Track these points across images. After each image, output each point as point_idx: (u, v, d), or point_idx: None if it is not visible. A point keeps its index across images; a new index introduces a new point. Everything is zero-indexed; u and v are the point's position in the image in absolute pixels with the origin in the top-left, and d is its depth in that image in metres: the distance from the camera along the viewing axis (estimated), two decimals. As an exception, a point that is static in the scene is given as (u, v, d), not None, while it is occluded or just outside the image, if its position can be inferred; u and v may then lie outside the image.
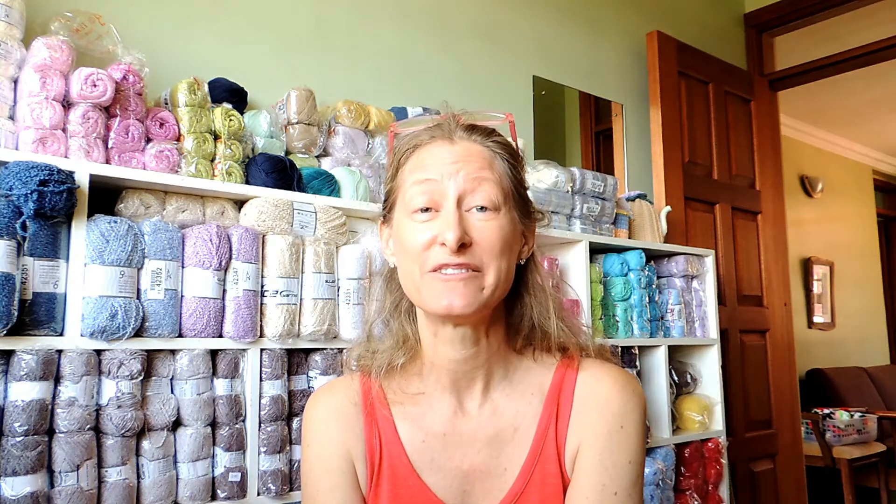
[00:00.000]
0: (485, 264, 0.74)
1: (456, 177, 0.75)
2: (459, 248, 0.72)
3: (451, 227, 0.72)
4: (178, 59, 1.70)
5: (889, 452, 4.13)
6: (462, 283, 0.73)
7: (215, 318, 1.34)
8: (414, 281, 0.76)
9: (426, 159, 0.77)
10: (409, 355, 0.85)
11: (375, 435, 0.82)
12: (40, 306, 1.15)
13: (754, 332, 3.06)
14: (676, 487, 2.15)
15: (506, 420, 0.81)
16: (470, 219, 0.74)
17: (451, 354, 0.80)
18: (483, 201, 0.75)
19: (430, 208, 0.75)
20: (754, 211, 3.17)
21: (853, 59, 3.32)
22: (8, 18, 1.28)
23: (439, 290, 0.73)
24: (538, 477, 0.79)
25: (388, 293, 0.88)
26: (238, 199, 1.47)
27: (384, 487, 0.81)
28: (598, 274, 2.08)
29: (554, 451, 0.79)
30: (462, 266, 0.73)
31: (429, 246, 0.74)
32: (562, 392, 0.81)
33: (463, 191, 0.75)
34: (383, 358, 0.85)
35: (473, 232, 0.74)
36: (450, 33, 2.31)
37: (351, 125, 1.74)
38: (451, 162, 0.76)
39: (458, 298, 0.72)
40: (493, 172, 0.77)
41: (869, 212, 6.00)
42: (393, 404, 0.84)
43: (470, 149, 0.77)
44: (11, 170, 1.13)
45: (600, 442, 0.78)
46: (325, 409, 0.85)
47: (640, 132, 2.86)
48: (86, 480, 1.14)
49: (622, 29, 2.90)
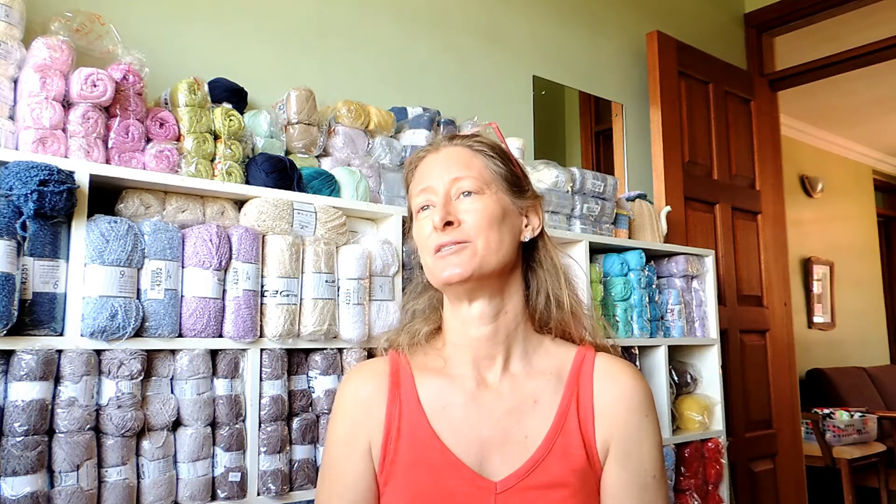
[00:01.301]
0: (472, 237, 0.87)
1: (443, 176, 0.90)
2: (446, 226, 0.87)
3: (437, 211, 0.88)
4: (178, 59, 1.70)
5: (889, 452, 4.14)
6: (455, 255, 0.86)
7: (215, 318, 1.34)
8: (427, 266, 0.90)
9: (422, 172, 0.94)
10: (433, 326, 0.97)
11: (397, 403, 0.91)
12: (40, 306, 1.15)
13: (754, 332, 3.06)
14: (676, 487, 2.16)
15: (525, 394, 0.90)
16: (458, 204, 0.89)
17: (472, 333, 0.90)
18: (466, 188, 0.89)
19: (427, 206, 0.91)
20: (754, 211, 3.17)
21: (853, 59, 3.32)
22: (8, 18, 1.28)
23: (440, 265, 0.87)
24: (560, 447, 0.86)
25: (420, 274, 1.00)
26: (238, 199, 1.47)
27: (403, 450, 0.88)
28: (598, 274, 2.08)
29: (576, 426, 0.87)
30: (452, 243, 0.86)
31: (430, 233, 0.89)
32: (581, 375, 0.90)
33: (448, 183, 0.90)
34: (410, 327, 0.98)
35: (460, 213, 0.88)
36: (450, 33, 2.31)
37: (351, 125, 1.74)
38: (440, 165, 0.92)
39: (452, 267, 0.86)
40: (472, 167, 0.91)
41: (869, 212, 6.00)
42: (417, 375, 0.93)
43: (451, 152, 0.93)
44: (11, 170, 1.12)
45: (636, 431, 0.87)
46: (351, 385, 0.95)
47: (640, 132, 2.86)
48: (86, 480, 1.14)
49: (622, 29, 2.90)
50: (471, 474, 0.84)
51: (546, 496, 0.83)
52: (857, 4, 3.27)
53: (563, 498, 0.83)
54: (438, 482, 0.85)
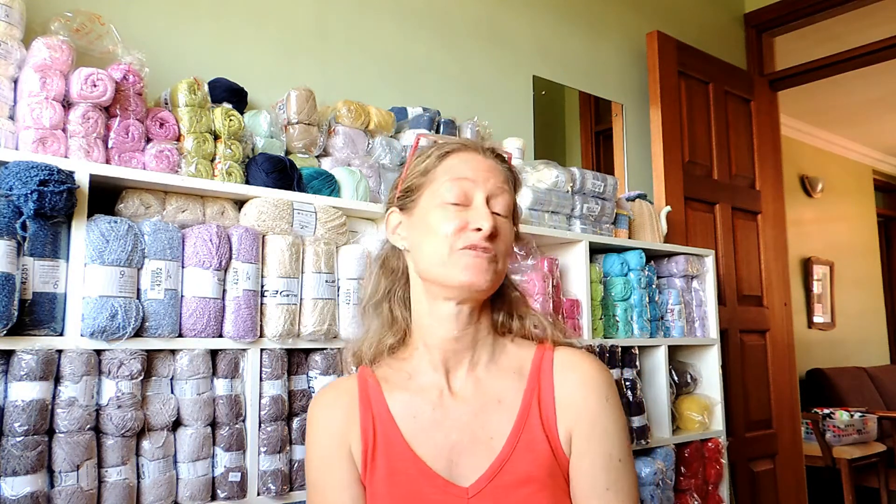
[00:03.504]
0: (500, 254, 0.89)
1: (486, 182, 0.90)
2: (489, 236, 0.87)
3: (487, 218, 0.87)
4: (178, 59, 1.70)
5: (889, 452, 4.14)
6: (487, 262, 0.87)
7: (215, 318, 1.34)
8: (441, 258, 0.88)
9: (462, 163, 0.92)
10: (398, 337, 0.97)
11: (370, 417, 0.91)
12: (40, 306, 1.15)
13: (754, 332, 3.06)
14: (676, 487, 2.15)
15: (490, 394, 0.91)
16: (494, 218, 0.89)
17: (443, 333, 0.91)
18: (502, 208, 0.91)
19: (459, 203, 0.89)
20: (754, 211, 3.17)
21: (853, 59, 3.32)
22: (8, 18, 1.28)
23: (469, 264, 0.86)
24: (524, 444, 0.87)
25: (382, 278, 1.00)
26: (238, 199, 1.47)
27: (380, 462, 0.89)
28: (598, 274, 2.08)
29: (538, 420, 0.88)
30: (488, 251, 0.87)
31: (460, 230, 0.87)
32: (541, 369, 0.92)
33: (490, 193, 0.90)
34: (373, 337, 0.97)
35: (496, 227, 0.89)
36: (450, 33, 2.31)
37: (351, 125, 1.74)
38: (484, 170, 0.92)
39: (482, 273, 0.86)
40: (507, 190, 0.93)
41: (869, 212, 6.00)
42: (385, 388, 0.93)
43: (494, 166, 0.94)
44: (11, 170, 1.13)
45: (597, 416, 0.88)
46: (322, 403, 0.96)
47: (640, 132, 2.86)
48: (86, 480, 1.14)
49: (622, 29, 2.90)
50: (442, 482, 0.86)
51: (516, 494, 0.84)
52: (857, 4, 3.27)
53: (532, 493, 0.84)
54: (414, 493, 0.86)
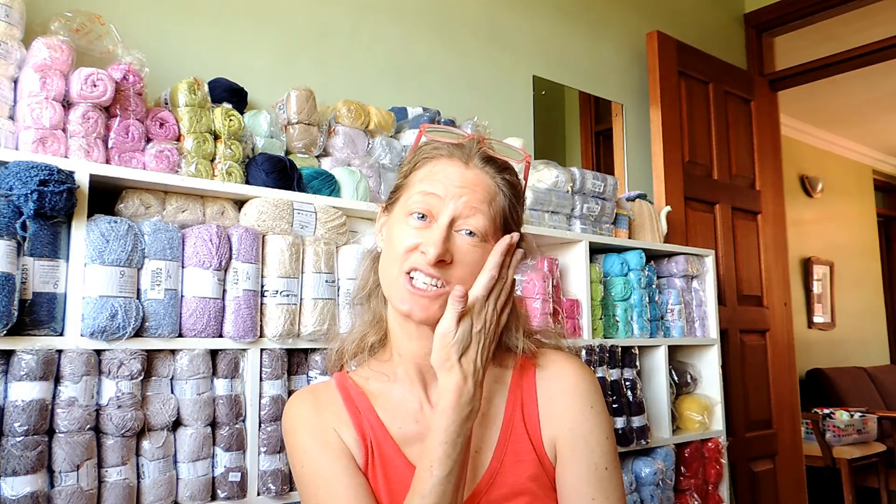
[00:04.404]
0: (456, 281, 0.79)
1: (457, 200, 0.81)
2: (437, 263, 0.78)
3: (434, 243, 0.78)
4: (178, 59, 1.70)
5: (889, 452, 4.14)
6: (427, 300, 0.79)
7: (215, 318, 1.34)
8: (391, 276, 0.83)
9: (438, 173, 0.84)
10: (379, 335, 0.92)
11: (361, 422, 0.86)
12: (40, 306, 1.15)
13: (754, 332, 3.06)
14: (676, 487, 2.15)
15: None
16: (457, 239, 0.81)
17: (414, 349, 0.86)
18: (473, 227, 0.81)
19: (425, 216, 0.82)
20: (754, 211, 3.17)
21: (853, 59, 3.32)
22: (8, 18, 1.27)
23: (406, 295, 0.80)
24: (512, 455, 0.84)
25: (370, 274, 0.95)
26: (238, 199, 1.47)
27: (378, 468, 0.84)
28: (598, 274, 2.08)
29: (523, 431, 0.85)
30: (433, 277, 0.79)
31: (412, 250, 0.81)
32: (524, 379, 0.88)
33: (458, 214, 0.81)
34: (356, 334, 0.93)
35: (456, 252, 0.80)
36: (450, 33, 2.31)
37: (351, 125, 1.74)
38: (459, 185, 0.82)
39: (419, 310, 0.79)
40: (491, 207, 0.83)
41: (869, 212, 6.00)
42: (370, 397, 0.89)
43: (479, 178, 0.84)
44: (11, 170, 1.12)
45: (580, 425, 0.84)
46: (305, 400, 0.90)
47: (640, 132, 2.86)
48: (86, 480, 1.14)
49: (622, 29, 2.90)
50: None
51: None
52: (857, 4, 3.27)
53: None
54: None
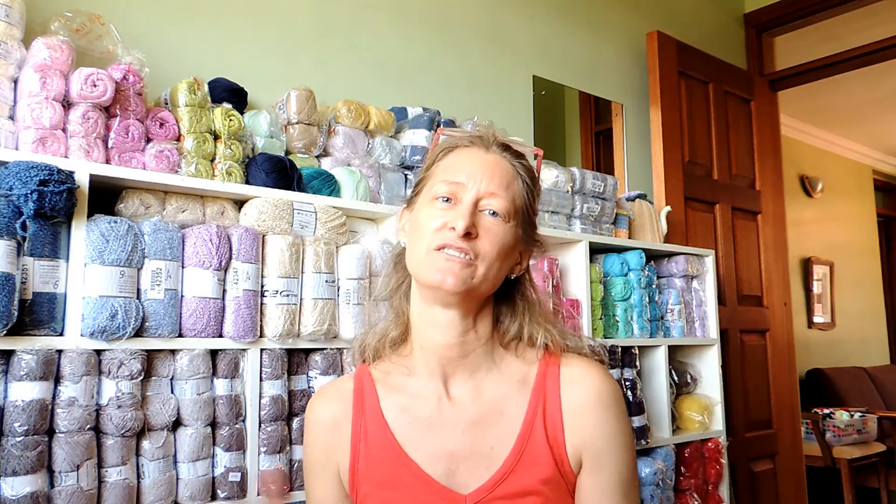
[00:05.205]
0: (481, 256, 0.84)
1: (480, 183, 0.86)
2: (465, 235, 0.83)
3: (462, 217, 0.83)
4: (178, 59, 1.70)
5: (889, 452, 4.14)
6: (459, 266, 0.83)
7: (215, 318, 1.34)
8: (419, 256, 0.86)
9: (460, 161, 0.89)
10: (400, 330, 0.95)
11: (361, 423, 0.90)
12: (40, 306, 1.15)
13: (754, 332, 3.06)
14: (676, 487, 2.15)
15: (490, 405, 0.89)
16: (481, 218, 0.85)
17: (438, 339, 0.88)
18: (496, 208, 0.86)
19: (450, 199, 0.86)
20: (754, 211, 3.16)
21: (853, 59, 3.32)
22: (8, 18, 1.28)
23: (439, 265, 0.83)
24: (528, 456, 0.85)
25: (394, 272, 0.98)
26: (238, 199, 1.47)
27: (373, 470, 0.88)
28: (598, 274, 2.08)
29: (543, 435, 0.86)
30: (463, 251, 0.83)
31: (440, 229, 0.84)
32: (547, 381, 0.89)
33: (482, 195, 0.86)
34: (379, 330, 0.96)
35: (480, 228, 0.85)
36: (450, 33, 2.31)
37: (351, 125, 1.74)
38: (480, 169, 0.87)
39: (451, 276, 0.82)
40: (510, 189, 0.88)
41: (869, 212, 6.00)
42: (381, 391, 0.92)
43: (499, 162, 0.89)
44: (11, 170, 1.13)
45: (609, 436, 0.86)
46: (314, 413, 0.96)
47: (640, 132, 2.86)
48: (86, 480, 1.14)
49: (622, 29, 2.90)
50: (440, 488, 0.84)
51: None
52: (857, 4, 3.27)
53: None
54: (409, 499, 0.85)
